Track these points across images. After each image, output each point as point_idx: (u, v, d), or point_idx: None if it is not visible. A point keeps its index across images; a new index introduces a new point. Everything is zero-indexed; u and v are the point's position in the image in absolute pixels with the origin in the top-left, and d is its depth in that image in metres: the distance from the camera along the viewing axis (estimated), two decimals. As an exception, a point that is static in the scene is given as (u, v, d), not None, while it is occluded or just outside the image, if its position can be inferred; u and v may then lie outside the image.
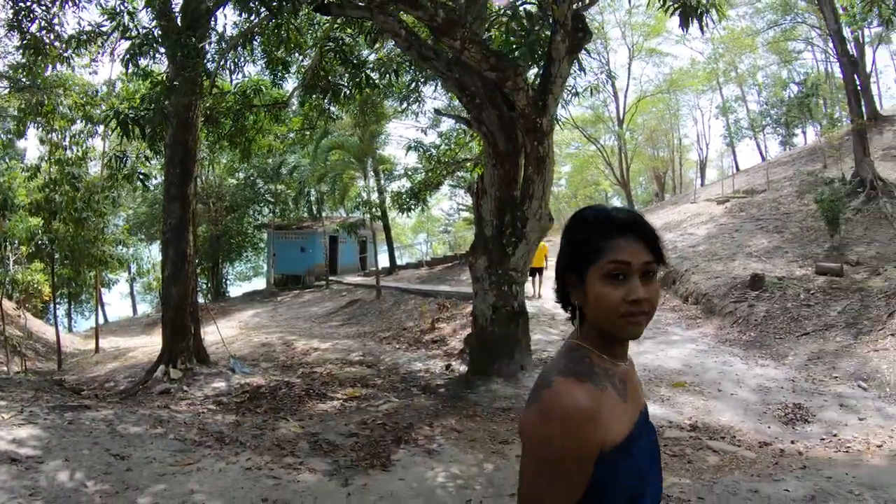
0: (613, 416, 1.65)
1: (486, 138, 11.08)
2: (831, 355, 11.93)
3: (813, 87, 38.07)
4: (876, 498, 5.94)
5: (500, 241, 10.77)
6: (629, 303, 1.66)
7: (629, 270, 1.67)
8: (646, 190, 66.32)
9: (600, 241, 1.71)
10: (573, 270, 1.76)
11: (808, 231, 20.02)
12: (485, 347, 10.91)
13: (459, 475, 6.29)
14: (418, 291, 22.60)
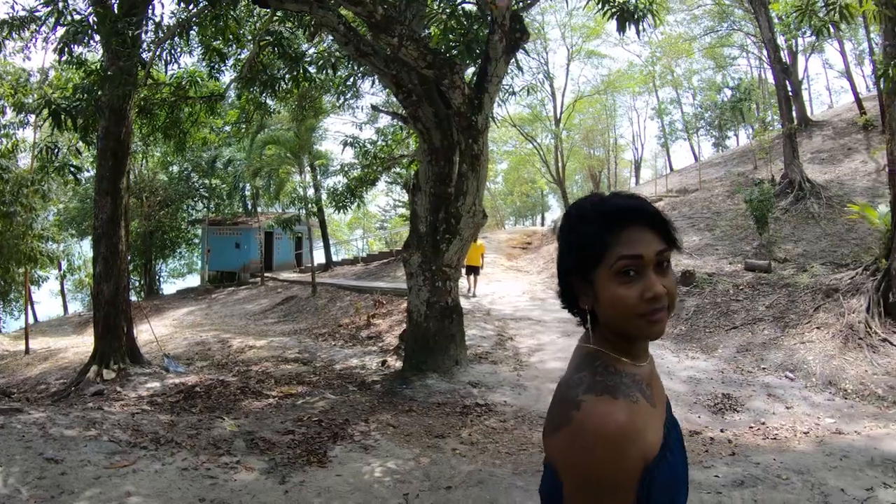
0: (650, 428, 1.52)
1: (421, 135, 11.13)
2: (759, 347, 12.40)
3: (746, 91, 39.20)
4: (803, 481, 6.18)
5: (434, 238, 10.82)
6: (647, 301, 1.51)
7: (642, 264, 1.52)
8: (581, 188, 66.99)
9: (604, 235, 1.54)
10: (578, 273, 1.60)
11: (738, 229, 20.66)
12: (420, 343, 10.96)
13: (396, 469, 6.33)
14: (354, 288, 22.56)
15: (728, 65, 46.80)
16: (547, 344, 13.35)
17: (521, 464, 6.74)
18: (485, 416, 8.71)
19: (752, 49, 41.46)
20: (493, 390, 10.04)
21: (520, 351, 12.79)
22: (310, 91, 18.10)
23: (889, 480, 6.08)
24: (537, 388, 10.25)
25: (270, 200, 36.86)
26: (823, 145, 28.80)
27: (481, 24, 11.60)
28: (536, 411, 9.05)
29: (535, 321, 15.65)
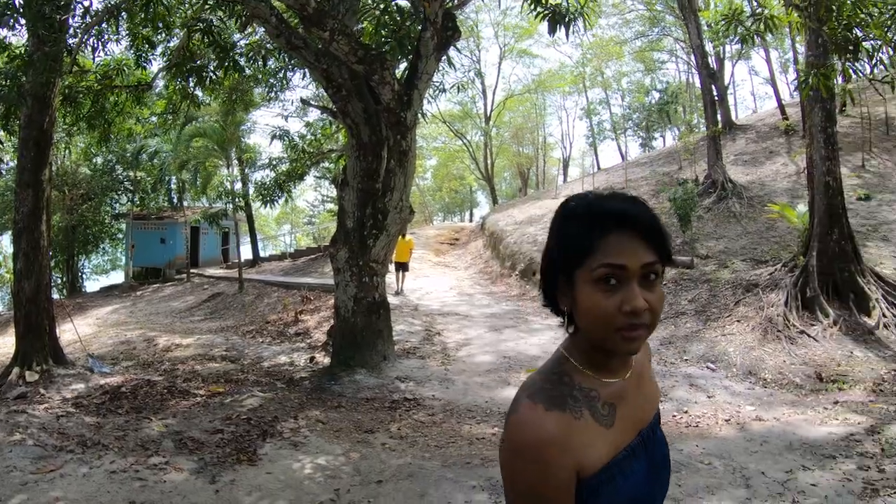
0: (590, 446, 1.45)
1: (350, 130, 11.06)
2: (682, 340, 12.86)
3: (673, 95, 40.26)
4: (725, 466, 6.45)
5: (361, 233, 10.80)
6: (625, 314, 1.41)
7: (625, 275, 1.42)
8: (510, 185, 67.65)
9: (590, 238, 1.44)
10: (561, 270, 1.50)
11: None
12: (347, 339, 10.93)
13: (326, 465, 6.34)
14: (282, 284, 22.33)
15: (657, 68, 48.05)
16: (474, 339, 13.50)
17: (450, 456, 6.83)
18: (413, 411, 8.78)
19: (681, 54, 42.68)
20: (421, 385, 10.12)
21: (447, 346, 12.90)
22: (240, 83, 17.83)
23: (808, 463, 6.37)
24: (465, 383, 10.37)
25: (197, 194, 35.87)
26: (746, 148, 29.73)
27: (414, 21, 11.64)
28: (464, 405, 9.17)
29: (463, 316, 15.80)
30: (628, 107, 50.65)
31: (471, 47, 42.43)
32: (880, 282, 13.81)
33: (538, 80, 49.64)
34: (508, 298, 19.20)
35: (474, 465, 6.56)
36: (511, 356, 12.05)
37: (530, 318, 15.92)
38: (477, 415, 8.76)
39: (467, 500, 5.60)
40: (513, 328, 14.53)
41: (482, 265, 25.73)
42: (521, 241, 23.18)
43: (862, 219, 18.40)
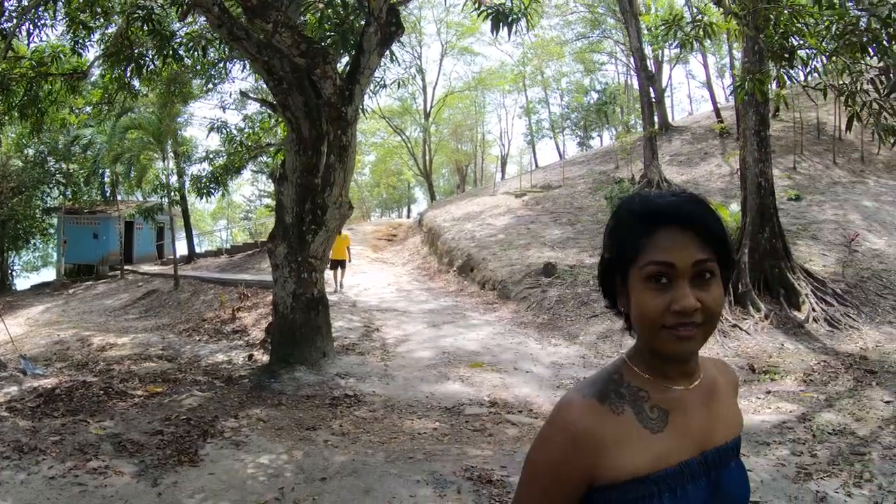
0: (624, 446, 1.38)
1: (290, 124, 10.92)
2: (619, 334, 12.97)
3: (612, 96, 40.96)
4: None
5: (299, 229, 10.67)
6: (674, 313, 1.35)
7: (674, 273, 1.36)
8: (448, 182, 67.84)
9: (640, 236, 1.40)
10: (616, 270, 1.47)
11: (599, 224, 21.48)
12: (286, 336, 10.80)
13: (269, 464, 6.27)
14: (218, 280, 22.00)
15: (596, 69, 49.06)
16: (413, 334, 13.53)
17: (393, 452, 6.82)
18: (354, 407, 8.74)
19: (621, 56, 43.73)
20: (361, 381, 10.06)
21: (387, 342, 12.89)
22: (178, 74, 17.45)
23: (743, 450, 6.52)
24: (405, 378, 10.37)
25: (131, 188, 34.97)
26: (682, 149, 30.54)
27: (357, 15, 11.57)
28: (405, 400, 9.17)
29: (401, 312, 15.81)
30: (567, 106, 51.23)
31: (412, 43, 42.43)
32: (809, 278, 14.37)
33: (479, 78, 50.02)
34: (447, 294, 19.27)
35: (417, 459, 6.57)
36: (450, 351, 12.09)
37: (469, 313, 16.02)
38: (418, 410, 8.77)
39: (412, 494, 5.61)
40: (451, 324, 14.60)
41: (420, 261, 25.79)
42: (459, 238, 23.28)
43: (792, 218, 19.01)
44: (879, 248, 17.19)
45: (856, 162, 25.94)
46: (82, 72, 14.48)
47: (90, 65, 14.76)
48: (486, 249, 20.84)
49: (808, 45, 8.62)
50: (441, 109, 49.94)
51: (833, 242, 17.60)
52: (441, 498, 5.58)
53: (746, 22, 9.64)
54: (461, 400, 9.26)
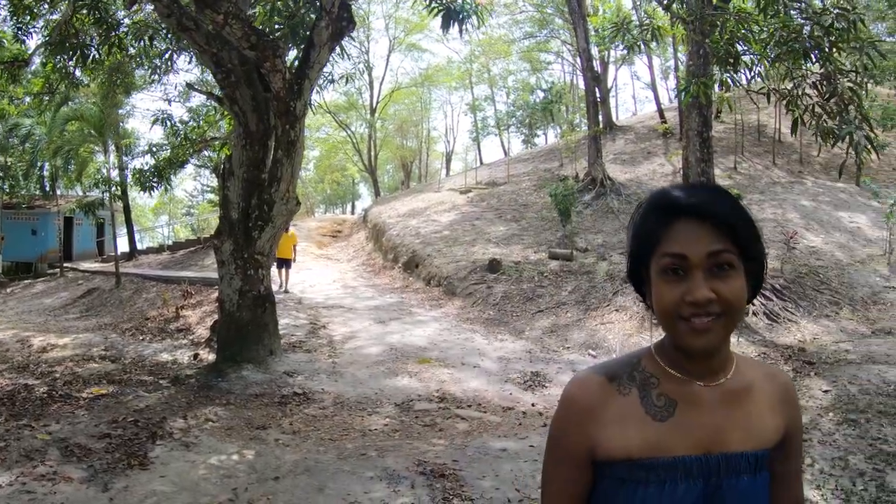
0: (621, 426, 1.43)
1: (237, 118, 10.71)
2: (563, 329, 13.38)
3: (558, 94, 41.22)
4: None
5: (246, 225, 10.51)
6: (689, 304, 1.36)
7: (688, 265, 1.37)
8: (392, 178, 67.70)
9: (658, 228, 1.42)
10: (641, 264, 1.47)
11: (543, 221, 21.80)
12: (233, 333, 10.63)
13: (221, 465, 6.19)
14: (161, 278, 21.51)
15: (543, 68, 49.49)
16: (360, 331, 13.47)
17: (345, 449, 6.81)
18: (304, 405, 8.69)
19: (567, 56, 44.33)
20: (310, 379, 10.00)
21: (334, 339, 12.81)
22: (121, 63, 17.03)
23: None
24: (353, 375, 10.33)
25: (71, 182, 33.90)
26: (626, 148, 31.06)
27: (308, 9, 11.47)
28: (355, 397, 9.16)
29: (348, 309, 15.74)
30: (513, 104, 51.41)
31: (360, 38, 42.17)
32: None
33: (425, 74, 49.97)
34: (392, 291, 19.25)
35: (370, 456, 6.57)
36: (398, 348, 12.10)
37: (415, 309, 16.07)
38: (368, 406, 8.77)
39: (366, 490, 5.61)
40: (398, 320, 14.61)
41: (365, 257, 25.72)
42: (404, 234, 23.29)
43: (734, 217, 19.33)
44: (817, 246, 17.79)
45: (795, 163, 26.69)
46: (24, 60, 14.02)
47: (32, 53, 14.30)
48: (432, 246, 20.91)
49: (752, 50, 8.83)
50: (387, 105, 49.77)
51: (772, 240, 18.02)
52: (395, 493, 5.60)
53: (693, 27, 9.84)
54: (410, 396, 9.31)
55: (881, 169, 25.93)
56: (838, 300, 14.87)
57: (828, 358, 10.90)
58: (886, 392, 8.62)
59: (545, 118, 43.31)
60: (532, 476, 6.12)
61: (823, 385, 9.14)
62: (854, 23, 8.28)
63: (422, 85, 50.54)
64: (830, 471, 6.06)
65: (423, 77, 49.88)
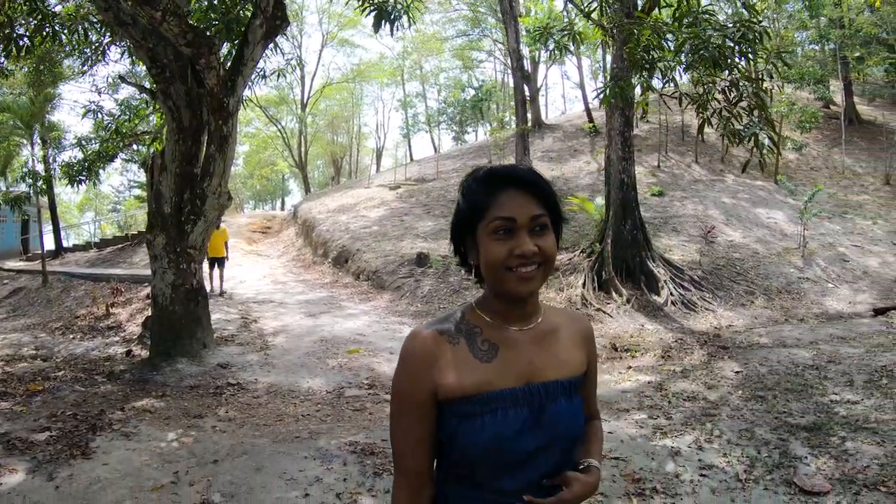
0: (455, 369, 1.69)
1: (171, 113, 10.71)
2: None
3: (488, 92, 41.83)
4: None
5: (178, 219, 10.57)
6: (517, 257, 1.65)
7: (514, 226, 1.66)
8: (322, 173, 67.47)
9: (485, 197, 1.69)
10: (467, 228, 1.75)
11: (470, 217, 22.13)
12: (166, 328, 10.68)
13: (161, 451, 6.35)
14: (89, 276, 21.19)
15: (475, 66, 50.10)
16: (291, 325, 13.65)
17: (279, 433, 7.04)
18: (238, 395, 8.86)
19: (499, 55, 44.94)
20: (243, 370, 10.15)
21: (265, 332, 12.95)
22: (49, 53, 16.64)
23: (605, 416, 7.14)
24: (285, 366, 10.52)
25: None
26: (553, 146, 31.75)
27: (244, 5, 11.56)
28: (287, 386, 9.37)
29: (278, 303, 15.90)
30: (444, 101, 52.08)
31: (293, 32, 41.98)
32: (669, 266, 15.60)
33: (357, 70, 50.05)
34: (322, 286, 19.47)
35: (303, 438, 6.81)
36: (328, 339, 12.32)
37: (344, 303, 16.35)
38: (300, 395, 8.99)
39: (301, 469, 5.86)
40: (328, 314, 14.83)
41: (295, 253, 25.83)
42: (334, 230, 23.53)
43: (655, 212, 20.22)
44: (734, 240, 18.65)
45: (716, 162, 27.70)
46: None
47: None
48: (361, 241, 21.22)
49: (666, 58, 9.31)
50: (318, 100, 49.61)
51: (693, 234, 18.82)
52: (328, 470, 5.86)
53: (612, 34, 10.31)
54: (341, 384, 9.56)
55: (798, 168, 27.17)
56: (754, 290, 15.71)
57: (741, 343, 11.62)
58: (794, 372, 9.31)
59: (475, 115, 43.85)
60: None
61: (735, 366, 9.79)
62: (760, 34, 8.84)
63: (354, 80, 50.56)
64: (737, 441, 6.57)
65: (356, 73, 49.91)
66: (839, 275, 17.41)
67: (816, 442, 6.52)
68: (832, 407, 7.74)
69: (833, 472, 5.78)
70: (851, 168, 27.85)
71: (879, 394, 8.21)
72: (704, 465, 6.07)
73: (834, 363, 9.83)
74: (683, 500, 5.43)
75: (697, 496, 5.49)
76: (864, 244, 19.78)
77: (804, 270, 17.34)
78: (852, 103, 33.15)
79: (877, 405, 7.75)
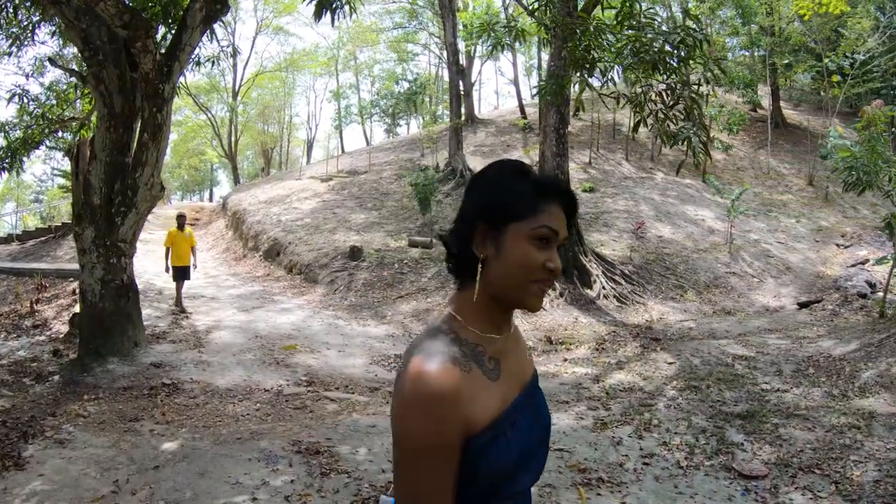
0: (479, 399, 1.56)
1: (101, 98, 10.19)
2: (425, 313, 13.96)
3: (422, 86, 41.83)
4: None
5: (108, 210, 10.11)
6: (548, 270, 1.60)
7: (554, 240, 1.62)
8: (252, 164, 66.68)
9: (535, 200, 1.62)
10: (490, 219, 1.63)
11: (404, 210, 22.30)
12: (96, 325, 10.16)
13: (98, 459, 6.09)
14: (11, 270, 20.14)
15: (410, 59, 49.89)
16: (224, 320, 13.43)
17: (220, 435, 6.89)
18: (174, 395, 8.60)
19: (434, 48, 44.97)
20: (177, 369, 9.86)
21: (198, 329, 12.65)
22: None
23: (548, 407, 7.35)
24: (220, 363, 10.30)
25: None
26: (486, 140, 32.01)
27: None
28: (224, 385, 9.18)
29: (210, 298, 15.59)
30: (377, 93, 51.82)
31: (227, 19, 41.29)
32: (601, 261, 15.95)
33: (291, 59, 49.65)
34: (254, 279, 19.16)
35: (245, 439, 6.68)
36: (264, 335, 12.16)
37: (278, 297, 16.17)
38: (238, 394, 8.82)
39: (246, 472, 5.75)
40: (262, 308, 14.65)
41: (225, 245, 25.42)
42: (265, 222, 23.23)
43: (587, 208, 20.57)
44: (664, 235, 19.12)
45: (646, 160, 28.32)
46: None
47: None
48: (293, 234, 20.99)
49: (607, 58, 9.41)
50: (250, 89, 49.03)
51: (624, 230, 19.19)
52: (274, 473, 5.76)
53: (555, 33, 10.37)
54: (279, 381, 9.44)
55: (726, 168, 27.99)
56: (683, 284, 16.14)
57: (673, 335, 11.96)
58: (725, 363, 9.72)
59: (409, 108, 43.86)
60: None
61: (668, 358, 10.10)
62: (700, 42, 9.01)
63: (286, 69, 50.10)
64: (675, 429, 6.79)
65: (289, 62, 49.51)
66: (764, 269, 18.06)
67: (751, 429, 6.86)
68: (764, 395, 8.15)
69: (769, 457, 6.11)
70: (776, 169, 28.79)
71: (807, 382, 8.68)
72: (646, 453, 6.29)
73: (763, 354, 10.31)
74: (629, 487, 5.59)
75: (642, 483, 5.67)
76: (787, 241, 20.53)
77: (731, 266, 17.89)
78: (779, 107, 34.47)
79: (805, 393, 8.21)
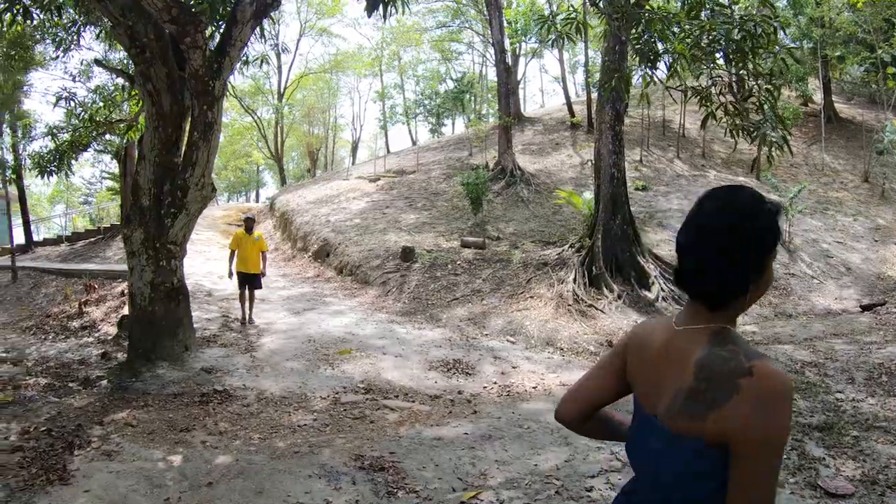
0: None
1: (150, 97, 9.93)
2: (481, 316, 13.60)
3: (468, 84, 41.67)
4: (538, 425, 7.23)
5: (158, 212, 9.85)
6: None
7: None
8: (297, 165, 67.07)
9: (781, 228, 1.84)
10: (771, 251, 1.79)
11: (454, 209, 21.97)
12: (145, 329, 9.91)
13: (148, 474, 5.75)
14: (61, 271, 20.24)
15: (454, 58, 49.71)
16: (276, 322, 13.20)
17: (276, 448, 6.57)
18: (226, 403, 8.30)
19: (479, 47, 44.87)
20: (229, 375, 9.60)
21: (249, 332, 12.42)
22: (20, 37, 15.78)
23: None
24: (274, 369, 10.01)
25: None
26: (534, 139, 31.67)
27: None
28: (279, 392, 8.87)
29: (260, 300, 15.28)
30: (421, 93, 51.63)
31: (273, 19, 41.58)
32: (658, 261, 15.56)
33: (335, 60, 49.83)
34: (304, 280, 19.02)
35: (304, 453, 6.37)
36: (317, 339, 11.87)
37: (329, 299, 15.94)
38: (293, 401, 8.50)
39: (307, 490, 5.42)
40: (313, 310, 14.43)
41: (273, 246, 25.26)
42: (314, 222, 23.11)
43: (640, 207, 20.13)
44: (721, 235, 18.52)
45: (698, 157, 27.69)
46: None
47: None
48: (343, 234, 20.78)
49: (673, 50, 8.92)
50: (295, 90, 49.29)
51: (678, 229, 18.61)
52: (337, 491, 5.44)
53: (619, 24, 9.93)
54: (335, 388, 9.11)
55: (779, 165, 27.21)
56: (741, 286, 15.65)
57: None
58: (794, 369, 9.38)
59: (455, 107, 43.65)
60: (471, 464, 6.13)
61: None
62: (776, 29, 8.50)
63: (331, 71, 50.27)
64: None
65: (333, 63, 49.71)
66: (824, 271, 17.47)
67: (831, 442, 6.61)
68: (839, 405, 7.85)
69: (853, 473, 5.82)
70: (830, 165, 27.95)
71: (882, 391, 8.38)
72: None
73: (831, 360, 10.00)
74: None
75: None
76: (846, 240, 19.89)
77: (790, 266, 17.30)
78: (830, 101, 33.39)
79: (882, 403, 7.91)
